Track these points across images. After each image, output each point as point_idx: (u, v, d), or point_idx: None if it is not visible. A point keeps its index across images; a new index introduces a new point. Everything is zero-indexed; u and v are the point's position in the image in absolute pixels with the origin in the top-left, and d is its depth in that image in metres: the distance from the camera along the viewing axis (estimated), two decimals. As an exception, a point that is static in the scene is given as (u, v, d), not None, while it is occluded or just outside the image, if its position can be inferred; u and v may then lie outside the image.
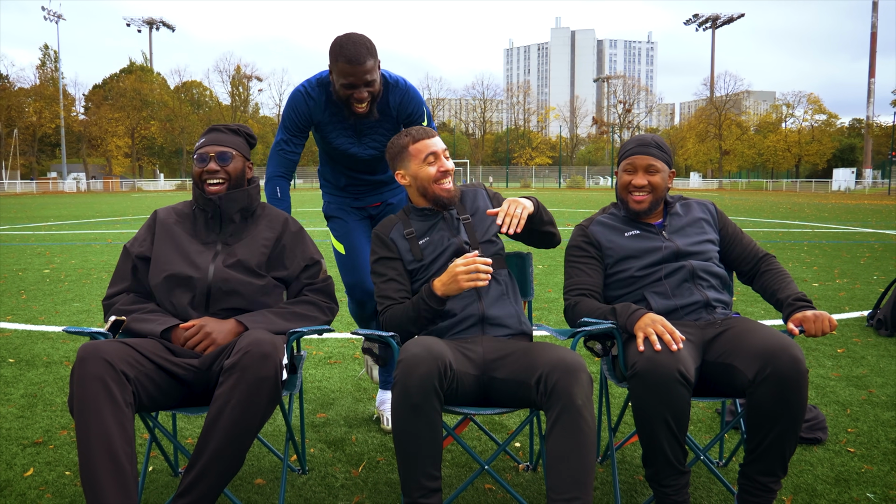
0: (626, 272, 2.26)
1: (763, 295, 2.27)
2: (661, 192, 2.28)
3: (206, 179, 2.16)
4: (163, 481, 2.42)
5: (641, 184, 2.25)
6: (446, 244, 2.23)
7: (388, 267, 2.22)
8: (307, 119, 2.64)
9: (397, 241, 2.24)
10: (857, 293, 6.15)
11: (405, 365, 1.78)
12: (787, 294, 2.15)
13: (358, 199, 2.91)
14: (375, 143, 2.71)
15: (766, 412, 1.85)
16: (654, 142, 2.30)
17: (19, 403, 3.19)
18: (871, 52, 52.65)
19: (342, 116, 2.63)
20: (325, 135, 2.71)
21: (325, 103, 2.62)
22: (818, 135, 61.87)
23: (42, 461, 2.55)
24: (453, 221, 2.29)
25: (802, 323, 2.00)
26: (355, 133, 2.68)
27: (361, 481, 2.42)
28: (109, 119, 59.46)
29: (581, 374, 1.81)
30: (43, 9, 58.52)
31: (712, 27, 77.61)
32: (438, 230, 2.26)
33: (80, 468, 1.66)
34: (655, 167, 2.25)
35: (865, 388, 3.42)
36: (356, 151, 2.71)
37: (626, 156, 2.31)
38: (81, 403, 1.69)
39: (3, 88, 56.57)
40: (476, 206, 2.33)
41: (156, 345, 1.95)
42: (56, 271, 7.71)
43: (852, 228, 13.80)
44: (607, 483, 2.38)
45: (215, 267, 2.10)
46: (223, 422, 1.75)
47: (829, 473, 2.45)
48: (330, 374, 3.72)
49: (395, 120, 2.70)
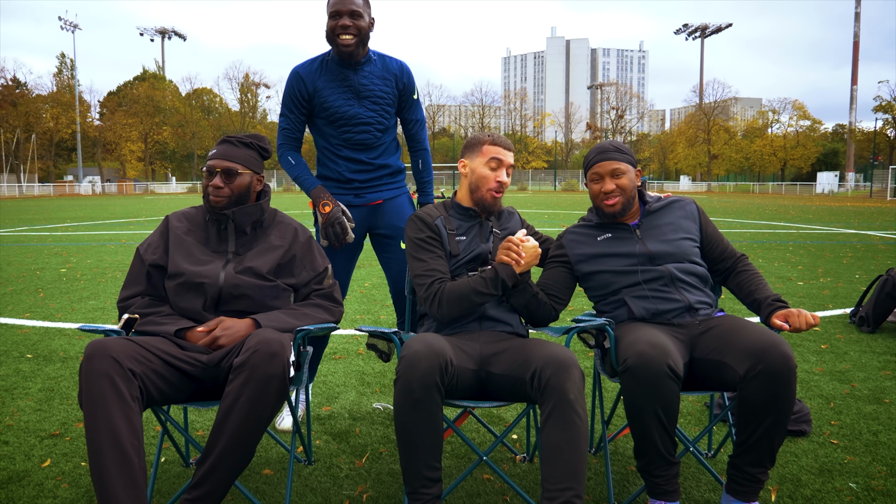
0: (601, 275, 2.27)
1: (738, 294, 2.26)
2: (631, 192, 2.27)
3: (209, 194, 2.16)
4: (175, 472, 2.42)
5: (610, 189, 2.25)
6: (475, 247, 2.27)
7: (434, 246, 2.24)
8: (301, 89, 2.68)
9: (440, 229, 2.28)
10: (840, 291, 6.15)
11: (407, 361, 1.78)
12: (765, 295, 2.15)
13: (359, 195, 2.81)
14: (374, 104, 2.71)
15: (756, 406, 1.85)
16: (612, 147, 2.30)
17: (37, 397, 3.19)
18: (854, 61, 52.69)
19: (340, 78, 2.67)
20: (324, 102, 2.68)
21: (320, 70, 2.68)
22: (803, 140, 61.90)
23: (59, 452, 2.55)
24: (487, 230, 2.33)
25: (787, 318, 2.00)
26: (354, 94, 2.69)
27: (365, 471, 2.42)
28: (123, 125, 59.54)
29: (573, 370, 1.81)
30: (60, 18, 58.70)
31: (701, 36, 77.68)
32: (473, 233, 2.30)
33: (89, 460, 1.66)
34: (620, 169, 2.25)
35: (848, 383, 3.41)
36: (358, 111, 2.69)
37: (589, 166, 2.31)
38: (89, 398, 1.70)
39: (22, 95, 56.62)
40: (508, 226, 2.39)
41: (164, 342, 1.95)
42: (72, 270, 7.71)
43: (835, 229, 13.80)
44: (600, 473, 2.38)
45: (226, 273, 2.10)
46: (233, 417, 1.75)
47: (814, 464, 2.45)
48: (335, 369, 3.72)
49: (393, 84, 2.74)
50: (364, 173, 2.80)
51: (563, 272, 2.33)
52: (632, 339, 1.92)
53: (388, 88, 2.73)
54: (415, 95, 2.83)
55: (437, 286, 2.14)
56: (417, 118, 2.88)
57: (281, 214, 2.33)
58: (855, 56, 52.71)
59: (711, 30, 76.95)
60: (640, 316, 2.17)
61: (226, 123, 67.03)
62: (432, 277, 2.16)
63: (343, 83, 2.67)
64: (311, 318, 2.13)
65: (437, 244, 2.24)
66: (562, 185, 66.73)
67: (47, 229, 14.38)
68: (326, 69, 2.67)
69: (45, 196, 46.47)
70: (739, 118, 75.46)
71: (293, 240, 2.24)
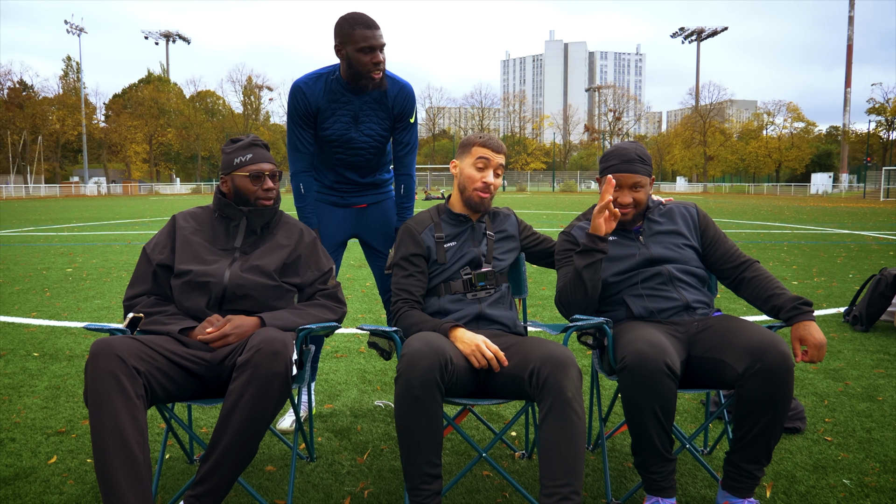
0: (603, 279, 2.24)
1: (753, 301, 2.16)
2: (644, 205, 2.25)
3: (260, 197, 2.17)
4: (179, 468, 2.41)
5: (627, 202, 2.20)
6: (466, 251, 2.28)
7: (414, 263, 2.25)
8: (306, 108, 2.60)
9: (427, 240, 2.28)
10: (834, 291, 6.15)
11: (408, 359, 1.78)
12: (783, 300, 2.05)
13: (343, 197, 2.81)
14: (371, 130, 2.66)
15: (754, 404, 1.85)
16: (637, 156, 2.21)
17: (44, 395, 3.19)
18: (847, 63, 52.62)
19: (342, 102, 2.60)
20: (323, 122, 2.64)
21: (323, 91, 2.60)
22: (797, 141, 61.86)
23: (65, 449, 2.55)
24: (480, 233, 2.33)
25: (805, 343, 1.95)
26: (353, 119, 2.64)
27: (366, 468, 2.42)
28: (128, 126, 59.53)
29: (571, 368, 1.81)
30: (66, 22, 58.67)
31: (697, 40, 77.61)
32: (465, 238, 2.30)
33: (94, 458, 1.66)
34: (640, 183, 2.20)
35: (842, 381, 3.41)
36: (354, 136, 2.65)
37: (613, 171, 2.21)
38: (95, 396, 1.69)
39: (29, 98, 56.58)
40: (504, 228, 2.39)
41: (168, 340, 1.94)
42: (78, 270, 7.70)
43: (829, 230, 13.79)
44: (598, 470, 2.38)
45: (231, 272, 2.10)
46: (237, 415, 1.75)
47: (808, 461, 2.44)
48: (336, 367, 3.72)
49: (390, 110, 2.67)
50: (350, 185, 2.81)
51: None
52: (630, 338, 1.92)
53: (384, 114, 2.66)
54: (411, 119, 2.72)
55: (399, 305, 2.22)
56: (408, 142, 2.74)
57: (287, 215, 2.34)
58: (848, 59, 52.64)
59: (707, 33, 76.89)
60: (639, 314, 2.17)
61: (229, 125, 67.01)
62: (398, 297, 2.24)
63: (344, 106, 2.61)
64: (316, 317, 2.13)
65: (419, 261, 2.26)
66: (560, 186, 66.73)
67: (53, 230, 14.37)
68: (329, 89, 2.59)
69: (51, 197, 46.47)
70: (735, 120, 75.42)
71: (299, 240, 2.25)
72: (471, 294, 2.24)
